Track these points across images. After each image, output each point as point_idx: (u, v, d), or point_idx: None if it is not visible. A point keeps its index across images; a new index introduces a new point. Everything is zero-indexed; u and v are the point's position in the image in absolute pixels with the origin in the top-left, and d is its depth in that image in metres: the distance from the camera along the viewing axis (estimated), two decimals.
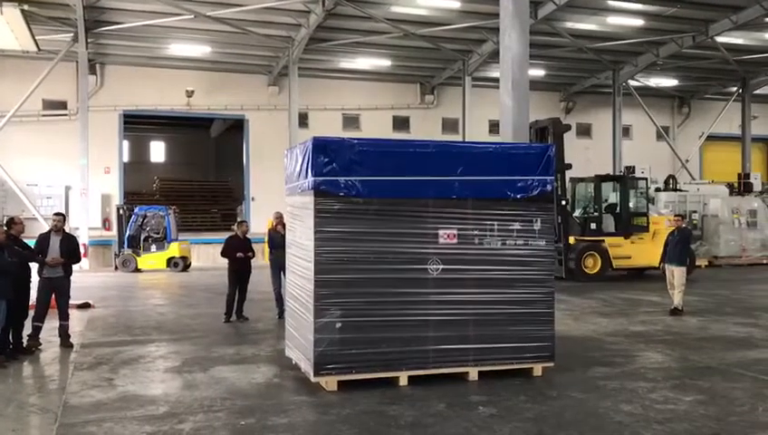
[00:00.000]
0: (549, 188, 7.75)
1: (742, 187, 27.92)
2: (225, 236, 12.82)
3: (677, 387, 7.17)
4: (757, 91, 32.73)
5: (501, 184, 7.45)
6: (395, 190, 7.13)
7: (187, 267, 21.95)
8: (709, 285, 16.59)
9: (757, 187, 28.34)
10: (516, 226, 7.49)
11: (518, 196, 7.49)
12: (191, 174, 38.20)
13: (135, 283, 18.69)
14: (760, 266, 22.15)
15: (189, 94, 27.82)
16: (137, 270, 21.35)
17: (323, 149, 7.07)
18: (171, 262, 21.58)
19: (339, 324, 6.97)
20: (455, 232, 7.28)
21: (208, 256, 24.09)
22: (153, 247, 21.83)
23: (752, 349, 9.16)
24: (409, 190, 7.17)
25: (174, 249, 21.71)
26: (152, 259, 21.63)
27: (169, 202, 25.62)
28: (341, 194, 7.02)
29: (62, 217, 9.56)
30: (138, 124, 33.76)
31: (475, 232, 7.36)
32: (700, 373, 7.79)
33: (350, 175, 7.04)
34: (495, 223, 7.41)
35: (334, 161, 7.03)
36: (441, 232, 7.26)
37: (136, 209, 22.48)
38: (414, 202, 7.19)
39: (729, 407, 6.43)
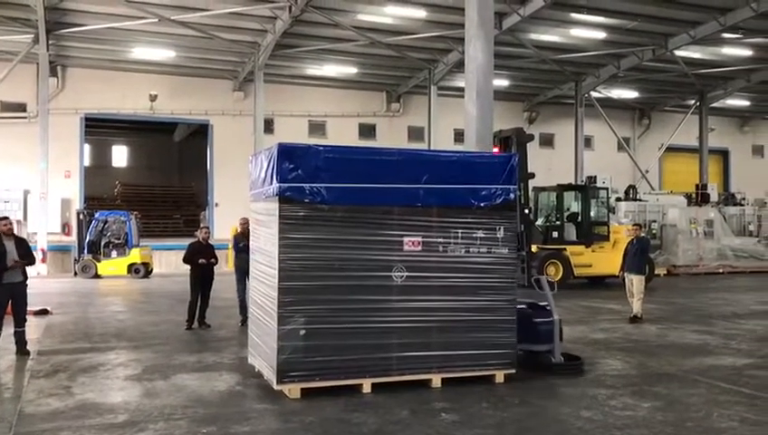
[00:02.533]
0: (512, 196, 7.83)
1: (699, 197, 28.61)
2: (187, 242, 12.67)
3: (636, 393, 7.30)
4: (714, 105, 33.60)
5: (465, 192, 7.51)
6: (360, 197, 7.14)
7: (148, 274, 21.66)
8: (667, 294, 16.93)
9: (714, 197, 29.06)
10: (480, 233, 7.56)
11: (482, 204, 7.56)
12: (154, 179, 37.76)
13: (95, 289, 18.36)
14: (716, 275, 22.67)
15: (153, 98, 27.51)
16: (97, 276, 20.98)
17: (289, 156, 7.05)
18: (132, 268, 21.27)
19: (303, 332, 6.94)
20: (419, 239, 7.31)
21: (170, 262, 23.80)
22: (114, 253, 21.49)
23: (708, 356, 9.36)
24: (374, 198, 7.19)
25: (135, 255, 21.40)
26: (113, 265, 21.29)
27: (131, 207, 25.32)
28: (306, 200, 7.00)
29: (8, 221, 9.30)
30: (99, 128, 33.28)
31: (440, 239, 7.40)
32: (658, 380, 7.93)
33: (316, 181, 7.02)
34: (459, 231, 7.47)
35: (299, 168, 7.02)
36: (406, 239, 7.29)
37: (97, 214, 22.14)
38: (379, 209, 7.21)
39: (686, 413, 6.56)
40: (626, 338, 10.79)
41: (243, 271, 11.11)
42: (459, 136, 29.10)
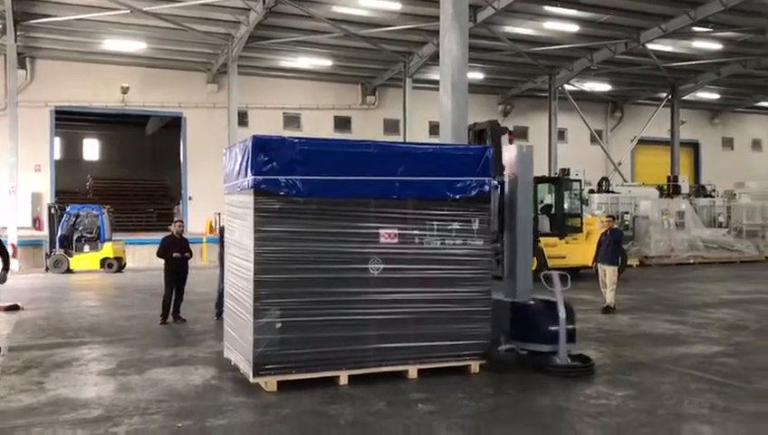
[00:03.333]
0: (487, 188, 7.89)
1: (671, 189, 28.97)
2: (161, 236, 12.55)
3: (610, 382, 7.40)
4: (685, 97, 34.04)
5: (441, 184, 7.54)
6: (336, 190, 7.14)
7: (121, 268, 21.43)
8: (640, 284, 17.16)
9: (685, 189, 29.45)
10: (455, 225, 7.60)
11: (457, 196, 7.60)
12: (126, 172, 37.26)
13: (67, 284, 18.13)
14: (687, 266, 23.02)
15: (124, 91, 27.14)
16: (69, 271, 20.71)
17: (264, 148, 7.02)
18: (105, 263, 21.03)
19: (279, 325, 6.93)
20: (395, 232, 7.33)
21: (144, 256, 23.55)
22: (86, 248, 21.22)
23: (679, 345, 9.52)
24: (350, 190, 7.19)
25: (108, 250, 21.16)
26: (85, 260, 21.02)
27: (103, 201, 24.95)
28: (282, 193, 6.98)
29: None
30: (70, 121, 32.71)
31: (416, 232, 7.43)
32: (631, 369, 8.05)
33: (291, 174, 7.00)
34: (435, 223, 7.51)
35: (275, 160, 6.99)
36: (382, 232, 7.30)
37: (68, 208, 21.81)
38: (355, 202, 7.22)
39: (658, 401, 6.68)
40: (599, 328, 10.92)
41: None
42: (434, 128, 29.15)
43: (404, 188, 7.38)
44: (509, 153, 8.73)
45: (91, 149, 40.02)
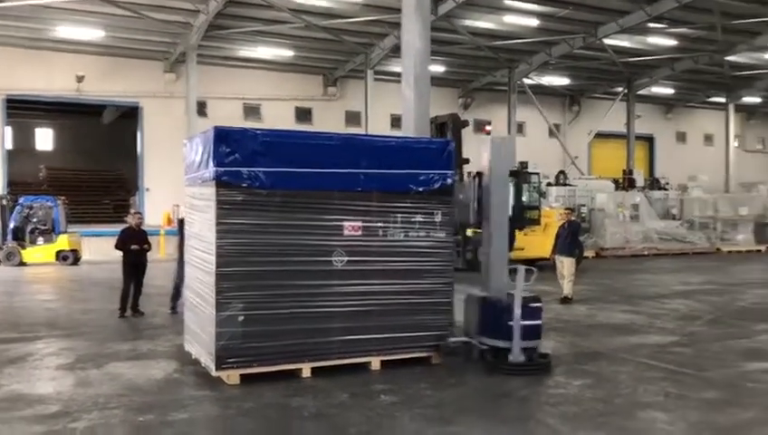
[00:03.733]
0: (449, 181, 7.95)
1: (626, 182, 29.55)
2: (117, 227, 12.34)
3: (567, 372, 7.55)
4: (640, 92, 34.71)
5: (404, 177, 7.57)
6: (299, 182, 7.12)
7: (77, 261, 20.98)
8: (596, 275, 17.50)
9: (640, 182, 30.08)
10: (418, 218, 7.65)
11: (420, 189, 7.65)
12: (81, 163, 36.47)
13: (20, 277, 17.69)
14: (642, 257, 23.53)
15: (80, 79, 26.54)
16: (22, 264, 20.19)
17: (226, 139, 6.96)
18: (60, 255, 20.55)
19: (241, 318, 6.89)
20: (359, 224, 7.35)
21: (100, 248, 23.07)
22: (40, 240, 20.72)
23: (634, 334, 9.76)
24: (314, 182, 7.18)
25: (63, 242, 20.69)
26: (39, 252, 20.53)
27: (58, 192, 24.36)
28: (244, 185, 6.93)
29: None
30: (22, 109, 31.82)
31: (379, 224, 7.46)
32: (588, 358, 8.23)
33: (254, 166, 6.96)
34: (399, 215, 7.54)
35: (237, 152, 6.94)
36: (346, 224, 7.31)
37: (21, 200, 21.26)
38: (319, 194, 7.20)
39: (614, 389, 6.84)
40: (557, 318, 11.11)
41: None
42: (396, 121, 29.21)
43: (368, 181, 7.39)
44: (486, 145, 8.38)
45: (45, 138, 39.03)
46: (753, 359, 8.16)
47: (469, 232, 18.28)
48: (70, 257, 20.64)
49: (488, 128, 9.72)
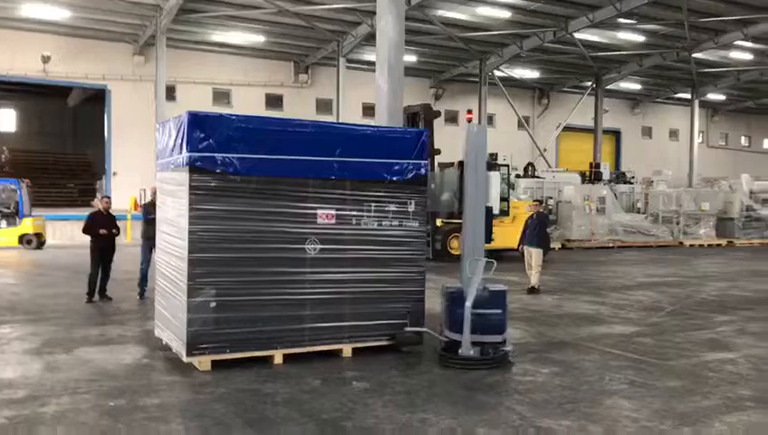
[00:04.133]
0: (423, 171, 8.01)
1: (593, 175, 29.96)
2: (83, 212, 12.19)
3: (535, 360, 7.70)
4: (609, 87, 35.22)
5: (378, 166, 7.61)
6: (274, 169, 7.11)
7: (41, 245, 20.65)
8: (562, 266, 17.77)
9: (606, 176, 30.52)
10: (392, 207, 7.71)
11: (394, 178, 7.70)
12: (46, 146, 35.83)
13: None
14: (607, 249, 23.95)
15: (45, 60, 26.05)
16: None
17: (200, 125, 6.91)
18: (24, 239, 20.21)
19: (213, 304, 6.89)
20: (333, 212, 7.37)
21: (65, 233, 22.79)
22: (3, 223, 20.35)
23: (600, 324, 9.97)
24: (288, 170, 7.17)
25: (27, 226, 20.34)
26: (2, 236, 20.16)
27: (21, 175, 23.90)
28: (218, 171, 6.91)
29: None
30: None
31: (353, 213, 7.49)
32: (555, 347, 8.39)
33: (228, 152, 6.93)
34: (372, 204, 7.59)
35: (211, 137, 6.90)
36: (320, 212, 7.34)
37: None
38: (293, 182, 7.20)
39: (581, 377, 7.00)
40: (525, 308, 11.29)
41: (150, 243, 10.84)
42: (368, 110, 29.26)
43: (342, 169, 7.42)
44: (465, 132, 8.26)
45: (8, 120, 38.20)
46: (714, 349, 8.40)
47: (438, 222, 18.46)
48: (34, 241, 20.31)
49: (469, 115, 9.53)
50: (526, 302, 11.98)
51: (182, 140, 7.02)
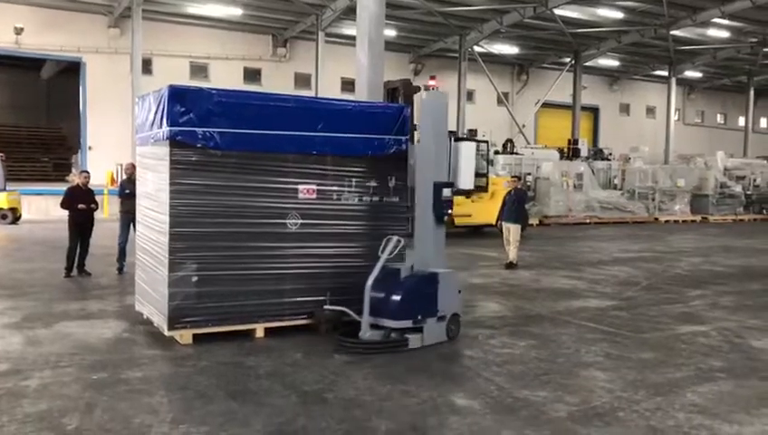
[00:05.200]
0: (404, 147, 8.04)
1: (571, 152, 30.16)
2: (58, 187, 12.09)
3: (513, 333, 7.84)
4: (587, 63, 35.36)
5: (359, 142, 7.63)
6: (255, 144, 7.10)
7: (16, 220, 20.39)
8: (540, 242, 17.97)
9: (584, 152, 30.71)
10: (373, 183, 7.74)
11: (375, 154, 7.72)
12: (18, 119, 35.20)
13: None
14: (584, 225, 24.23)
15: (18, 31, 25.53)
16: None
17: (180, 98, 6.87)
18: None
19: (195, 278, 6.90)
20: (314, 187, 7.39)
21: (41, 208, 22.50)
22: None
23: (576, 299, 10.14)
24: (269, 144, 7.17)
25: (2, 200, 20.05)
26: None
27: None
28: (199, 145, 6.89)
29: None
30: None
31: (334, 188, 7.52)
32: (532, 321, 8.54)
33: (209, 126, 6.91)
34: (353, 179, 7.61)
35: (192, 111, 6.87)
36: (301, 187, 7.35)
37: None
38: (274, 156, 7.20)
39: (558, 350, 7.15)
40: (503, 283, 11.44)
41: (128, 218, 10.81)
42: (347, 84, 29.10)
43: (323, 145, 7.43)
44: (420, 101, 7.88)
45: None
46: (687, 322, 8.60)
47: None
48: (9, 216, 20.05)
49: (432, 82, 9.12)
50: (504, 276, 12.13)
51: (162, 114, 6.98)
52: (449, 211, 7.50)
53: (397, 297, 6.96)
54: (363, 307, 6.92)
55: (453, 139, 7.91)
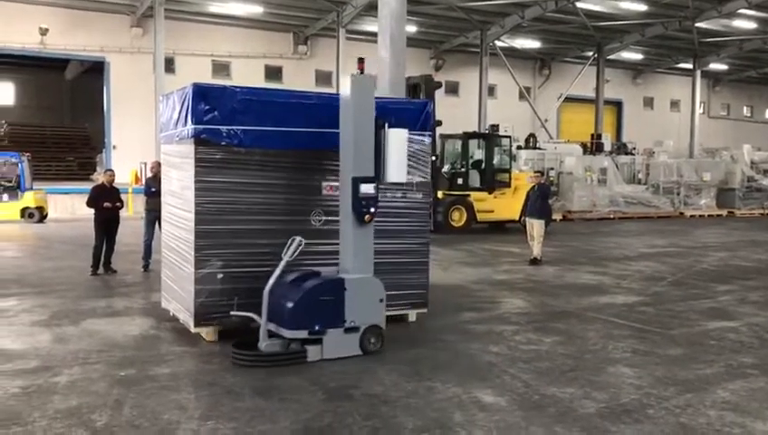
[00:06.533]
0: (426, 143, 8.02)
1: (594, 146, 29.92)
2: (83, 185, 12.22)
3: (539, 329, 7.78)
4: (610, 57, 34.98)
5: None
6: (278, 141, 7.11)
7: (43, 218, 20.67)
8: (564, 238, 17.82)
9: (607, 147, 30.47)
10: None
11: None
12: (44, 119, 35.69)
13: None
14: (608, 220, 23.99)
15: (43, 32, 25.84)
16: None
17: (204, 97, 6.90)
18: (26, 212, 20.21)
19: (220, 275, 6.93)
20: (337, 184, 7.38)
21: (66, 206, 22.79)
22: (5, 197, 20.31)
23: (602, 295, 10.04)
24: (293, 141, 7.17)
25: (29, 199, 20.33)
26: (5, 209, 20.14)
27: (20, 148, 23.84)
28: (223, 143, 6.91)
29: None
30: None
31: None
32: (558, 317, 8.47)
33: (233, 124, 6.93)
34: None
35: (216, 109, 6.89)
36: (324, 184, 7.35)
37: None
38: (298, 153, 7.21)
39: (584, 346, 7.08)
40: (527, 279, 11.37)
41: (153, 216, 10.91)
42: None
43: None
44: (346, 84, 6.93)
45: (6, 93, 38.01)
46: (715, 318, 8.48)
47: (439, 194, 18.51)
48: (36, 215, 20.32)
49: (361, 65, 7.70)
50: (529, 272, 12.05)
51: (187, 113, 7.02)
52: (371, 210, 6.61)
53: (290, 304, 6.31)
54: (263, 313, 6.35)
55: (386, 126, 6.86)
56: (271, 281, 6.43)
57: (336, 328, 6.43)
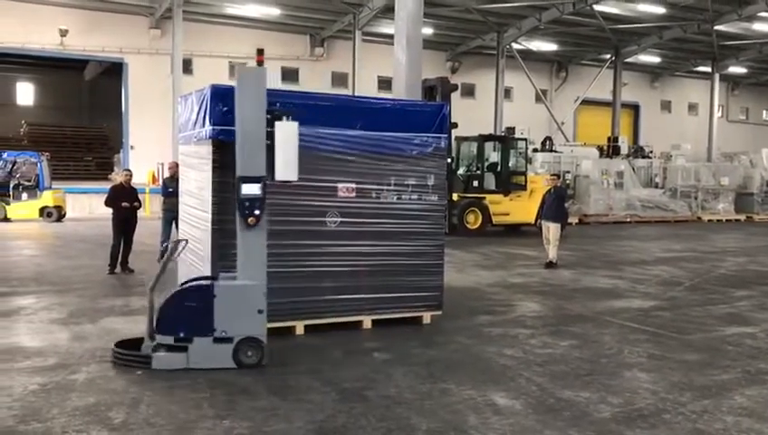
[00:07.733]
0: (443, 145, 8.03)
1: (611, 150, 29.74)
2: (101, 185, 12.35)
3: (554, 333, 7.76)
4: (628, 60, 34.79)
5: (399, 140, 7.62)
6: None
7: (61, 217, 20.90)
8: (580, 241, 17.75)
9: (624, 150, 30.28)
10: (411, 181, 7.72)
11: (414, 152, 7.71)
12: (63, 119, 36.06)
13: (5, 233, 17.60)
14: (624, 224, 23.86)
15: (63, 33, 26.10)
16: (6, 220, 20.09)
17: (222, 98, 6.94)
18: (45, 211, 20.45)
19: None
20: (353, 186, 7.41)
21: (84, 205, 23.03)
22: (24, 196, 20.57)
23: (618, 299, 9.99)
24: (309, 143, 7.18)
25: (47, 198, 20.56)
26: (23, 208, 20.40)
27: (39, 148, 24.11)
28: None
29: None
30: (3, 63, 31.34)
31: (373, 186, 7.52)
32: (573, 321, 8.44)
33: None
34: (392, 178, 7.61)
35: (234, 110, 6.92)
36: (340, 186, 7.38)
37: (4, 155, 21.08)
38: (314, 155, 7.21)
39: (600, 350, 7.05)
40: (542, 282, 11.33)
41: (170, 216, 11.00)
42: (383, 83, 29.12)
43: (362, 143, 7.43)
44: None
45: (26, 93, 38.44)
46: (732, 324, 8.41)
47: (454, 196, 18.49)
48: (54, 214, 20.55)
49: (259, 57, 7.10)
50: (544, 276, 12.02)
51: (205, 114, 7.07)
52: (255, 212, 6.10)
53: (160, 307, 6.19)
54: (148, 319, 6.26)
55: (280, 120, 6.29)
56: (152, 282, 6.37)
57: (204, 337, 6.02)
